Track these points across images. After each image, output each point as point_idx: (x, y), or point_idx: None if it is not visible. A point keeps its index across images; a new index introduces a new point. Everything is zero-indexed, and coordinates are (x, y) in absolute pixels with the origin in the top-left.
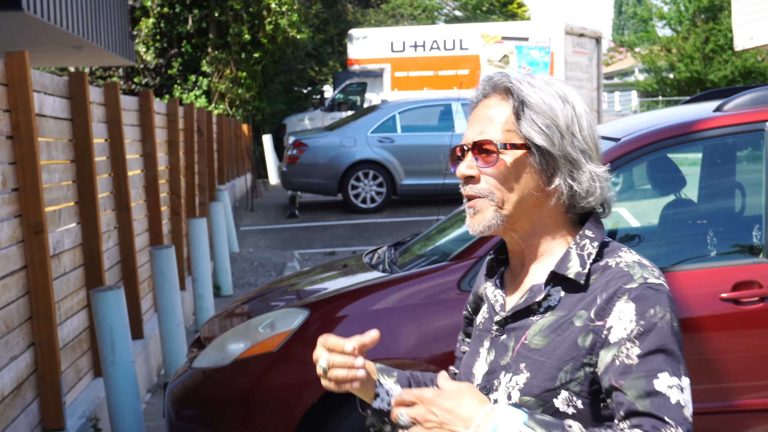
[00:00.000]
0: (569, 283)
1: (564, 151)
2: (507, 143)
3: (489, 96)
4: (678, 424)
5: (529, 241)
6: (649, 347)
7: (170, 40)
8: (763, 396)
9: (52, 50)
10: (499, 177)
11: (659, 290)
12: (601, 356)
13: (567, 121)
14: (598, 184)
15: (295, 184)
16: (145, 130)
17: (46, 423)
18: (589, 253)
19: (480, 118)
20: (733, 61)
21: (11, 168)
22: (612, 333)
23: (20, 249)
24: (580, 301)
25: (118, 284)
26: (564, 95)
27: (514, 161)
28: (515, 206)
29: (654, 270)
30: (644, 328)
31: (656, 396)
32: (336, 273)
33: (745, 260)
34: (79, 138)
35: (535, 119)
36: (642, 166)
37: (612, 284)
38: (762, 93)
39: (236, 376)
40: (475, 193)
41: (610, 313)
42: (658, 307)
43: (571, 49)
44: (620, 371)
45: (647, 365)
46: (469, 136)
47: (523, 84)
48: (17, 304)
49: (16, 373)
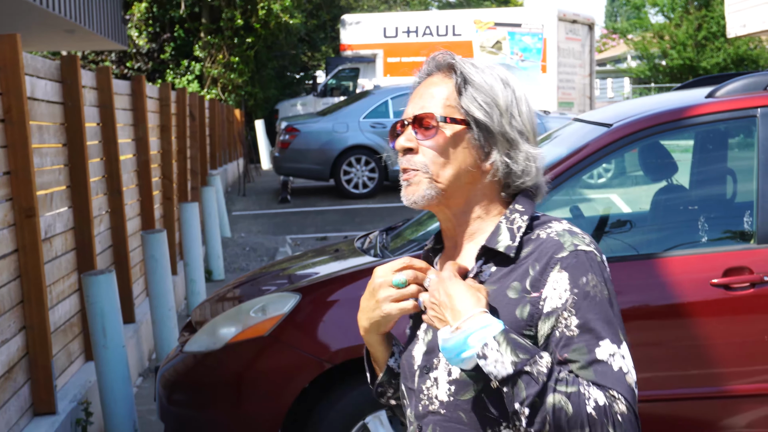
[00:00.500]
0: (501, 257)
1: (502, 130)
2: (447, 117)
3: (432, 74)
4: (621, 392)
5: (462, 219)
6: (586, 317)
7: (163, 25)
8: (752, 381)
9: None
10: (438, 149)
11: (591, 257)
12: (539, 327)
13: (507, 102)
14: (534, 164)
15: (287, 169)
16: (137, 115)
17: (38, 406)
18: (519, 226)
19: (422, 94)
20: (725, 49)
21: (2, 151)
22: (547, 303)
23: (11, 233)
24: (511, 273)
25: (110, 268)
26: (505, 79)
27: (453, 135)
28: (451, 180)
29: (585, 237)
30: (579, 296)
31: (599, 365)
32: (328, 258)
33: (736, 246)
34: (71, 122)
35: (476, 96)
36: (634, 152)
37: (544, 254)
38: (754, 79)
39: (228, 360)
40: (411, 166)
41: (545, 284)
42: (590, 275)
43: (564, 36)
44: (562, 344)
45: (586, 336)
46: (410, 111)
47: (466, 64)
48: (8, 288)
49: (7, 356)
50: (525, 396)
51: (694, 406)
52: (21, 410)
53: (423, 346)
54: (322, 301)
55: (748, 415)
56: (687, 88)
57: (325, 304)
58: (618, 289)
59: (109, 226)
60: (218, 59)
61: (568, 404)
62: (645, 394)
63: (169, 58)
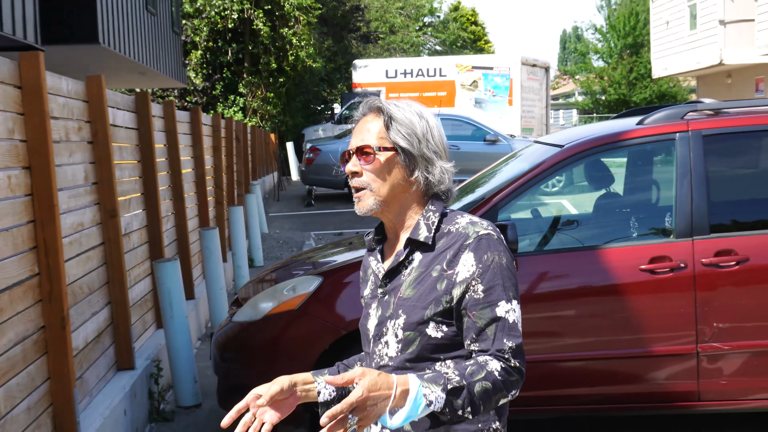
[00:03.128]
0: (423, 246)
1: (421, 152)
2: (381, 147)
3: (367, 114)
4: (512, 338)
5: (399, 218)
6: (488, 283)
7: (214, 68)
8: (671, 344)
9: (123, 75)
10: (376, 171)
11: (489, 238)
12: (453, 293)
13: (423, 131)
14: (447, 176)
15: (311, 180)
16: (194, 138)
17: (120, 363)
18: (433, 221)
19: (361, 130)
20: (651, 87)
21: (92, 166)
22: (459, 275)
23: (99, 229)
24: (435, 259)
25: (175, 257)
26: (420, 113)
27: (386, 160)
28: (388, 192)
29: (482, 223)
30: (482, 269)
31: (498, 321)
32: (343, 249)
33: (659, 240)
34: (143, 143)
35: (400, 129)
36: (580, 167)
37: (455, 244)
38: (673, 111)
39: (266, 328)
40: (359, 185)
41: (458, 263)
42: (489, 252)
43: (526, 76)
44: (471, 304)
45: (489, 297)
46: (353, 143)
47: (390, 105)
48: (97, 272)
49: (97, 325)
50: (462, 402)
51: (626, 363)
52: (108, 366)
53: (375, 319)
54: (339, 282)
55: (667, 370)
56: (621, 118)
57: (342, 285)
58: (567, 272)
59: (173, 224)
60: (257, 95)
61: (487, 382)
62: (588, 353)
63: (219, 93)
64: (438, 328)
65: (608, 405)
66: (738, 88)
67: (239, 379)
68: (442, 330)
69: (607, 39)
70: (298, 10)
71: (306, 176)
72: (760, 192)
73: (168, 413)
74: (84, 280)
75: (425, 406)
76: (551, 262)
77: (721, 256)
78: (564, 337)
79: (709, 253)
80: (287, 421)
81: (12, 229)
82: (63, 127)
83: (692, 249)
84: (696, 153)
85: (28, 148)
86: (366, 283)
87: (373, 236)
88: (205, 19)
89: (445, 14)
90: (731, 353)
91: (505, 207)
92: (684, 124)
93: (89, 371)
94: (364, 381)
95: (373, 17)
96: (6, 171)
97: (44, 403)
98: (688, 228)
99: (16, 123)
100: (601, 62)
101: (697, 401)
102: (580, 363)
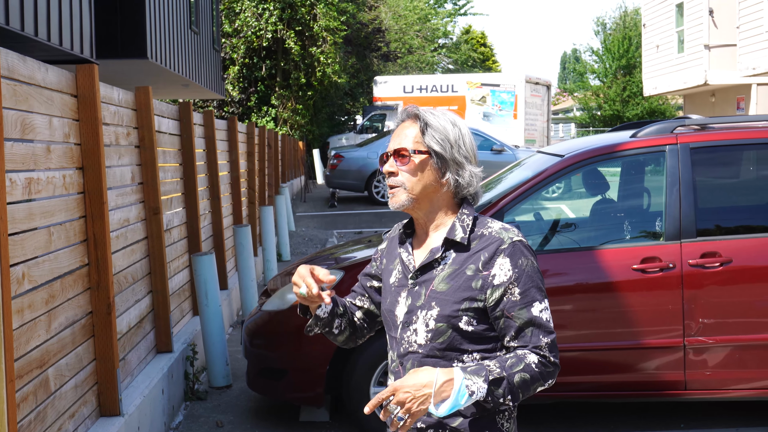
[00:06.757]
0: (458, 246)
1: (453, 156)
2: (416, 150)
3: (405, 120)
4: (547, 334)
5: (430, 216)
6: (524, 286)
7: (249, 82)
8: (660, 337)
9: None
10: (410, 171)
11: (523, 244)
12: (488, 294)
13: (455, 137)
14: (475, 179)
15: (334, 183)
16: (231, 144)
17: (160, 346)
18: (468, 224)
19: (399, 134)
20: (642, 104)
21: (138, 168)
22: (496, 278)
23: (143, 225)
24: (469, 258)
25: (211, 251)
26: (454, 121)
27: (420, 162)
28: (420, 191)
29: (514, 230)
30: (518, 273)
31: (534, 319)
32: (363, 246)
33: (650, 242)
34: (185, 148)
35: (434, 135)
36: (579, 175)
37: (490, 247)
38: (663, 125)
39: (292, 316)
40: (394, 183)
41: (493, 266)
42: (523, 258)
43: (530, 93)
44: (509, 306)
45: (525, 299)
46: (391, 146)
47: (426, 113)
48: (141, 264)
49: (139, 311)
50: (502, 392)
51: (619, 354)
52: (148, 349)
53: (404, 308)
54: (358, 276)
55: (657, 361)
56: (616, 131)
57: None
58: (566, 270)
59: (210, 222)
60: (288, 106)
61: (526, 374)
62: (585, 345)
63: (253, 105)
64: (469, 322)
65: (601, 392)
66: (721, 106)
67: (267, 363)
68: (473, 324)
69: (603, 60)
70: (325, 31)
71: (330, 180)
72: (743, 200)
73: (201, 393)
74: (128, 271)
75: (468, 396)
76: (551, 261)
77: (706, 258)
78: (562, 330)
79: (695, 255)
80: (309, 402)
81: (65, 223)
82: (113, 132)
83: (680, 251)
84: (684, 164)
85: (81, 151)
86: (390, 272)
87: (404, 229)
88: (242, 38)
89: (458, 37)
90: (715, 346)
91: (511, 210)
92: (673, 138)
93: (131, 353)
94: (403, 382)
95: (393, 39)
96: (62, 171)
97: (90, 381)
98: (677, 232)
99: (71, 128)
100: (597, 81)
101: (683, 390)
102: (577, 353)
